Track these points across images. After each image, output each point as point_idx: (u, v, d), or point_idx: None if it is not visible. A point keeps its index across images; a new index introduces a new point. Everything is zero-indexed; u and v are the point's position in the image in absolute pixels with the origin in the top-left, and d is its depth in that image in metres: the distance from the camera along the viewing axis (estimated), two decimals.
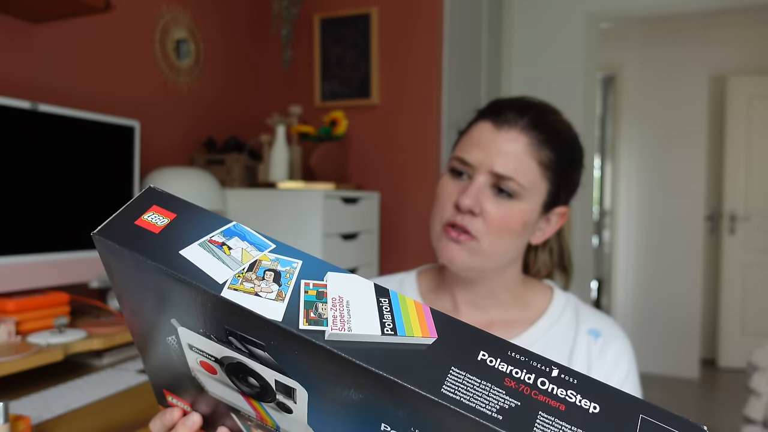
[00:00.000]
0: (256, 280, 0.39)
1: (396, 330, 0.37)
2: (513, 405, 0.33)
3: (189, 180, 1.81)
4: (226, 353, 0.42)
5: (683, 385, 3.78)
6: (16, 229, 1.35)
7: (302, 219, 1.87)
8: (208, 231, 0.42)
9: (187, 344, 0.45)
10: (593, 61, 3.16)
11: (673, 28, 4.01)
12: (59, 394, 1.23)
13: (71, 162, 1.48)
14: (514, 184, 0.72)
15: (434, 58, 2.35)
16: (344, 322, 0.37)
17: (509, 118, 0.74)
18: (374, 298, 0.39)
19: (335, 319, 0.37)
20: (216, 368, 0.44)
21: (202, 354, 0.44)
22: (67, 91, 1.68)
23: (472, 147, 0.75)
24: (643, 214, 4.14)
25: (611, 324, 0.82)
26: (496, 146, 0.73)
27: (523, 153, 0.73)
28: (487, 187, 0.73)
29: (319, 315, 0.37)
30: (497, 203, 0.73)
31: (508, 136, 0.73)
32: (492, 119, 0.75)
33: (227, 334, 0.40)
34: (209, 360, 0.44)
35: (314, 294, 0.39)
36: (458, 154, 0.76)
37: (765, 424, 1.91)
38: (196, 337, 0.43)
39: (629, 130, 4.18)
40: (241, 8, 2.40)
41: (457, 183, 0.76)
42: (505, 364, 0.35)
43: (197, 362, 0.46)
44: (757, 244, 4.09)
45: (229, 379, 0.45)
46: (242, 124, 2.42)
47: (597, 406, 0.34)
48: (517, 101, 0.77)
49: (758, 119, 4.06)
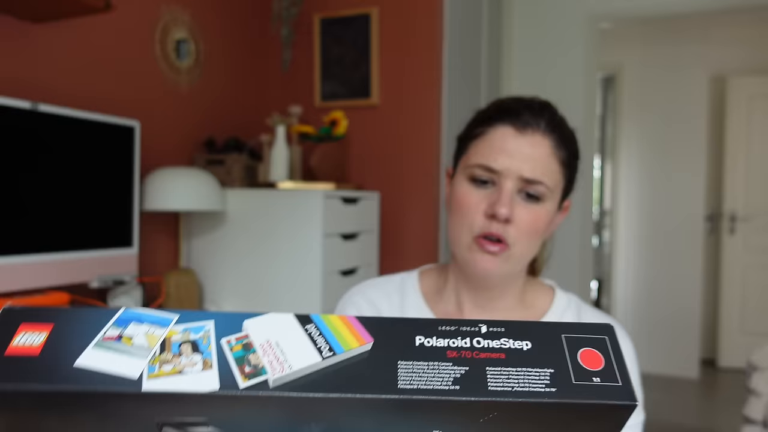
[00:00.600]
0: (174, 359, 0.36)
1: (334, 350, 0.37)
2: (463, 372, 0.36)
3: (189, 180, 1.81)
4: None
5: (683, 385, 3.78)
6: (16, 229, 1.35)
7: (302, 219, 1.87)
8: (98, 328, 0.37)
9: None
10: (593, 61, 3.16)
11: (673, 28, 4.01)
12: None
13: (71, 162, 1.48)
14: (543, 187, 0.72)
15: (434, 58, 2.35)
16: (282, 363, 0.36)
17: (529, 120, 0.73)
18: (300, 328, 0.38)
19: (272, 364, 0.36)
20: None
21: None
22: (67, 91, 1.68)
23: (497, 153, 0.72)
24: (643, 214, 4.14)
25: (613, 325, 0.82)
26: (523, 151, 0.71)
27: (548, 155, 0.72)
28: (515, 193, 0.73)
29: (254, 367, 0.36)
30: (527, 208, 0.73)
31: (533, 140, 0.72)
32: (512, 123, 0.73)
33: (160, 429, 0.37)
34: None
35: (240, 348, 0.37)
36: (481, 162, 0.73)
37: (765, 424, 1.91)
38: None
39: (629, 130, 4.18)
40: (241, 8, 2.41)
41: (481, 191, 0.74)
42: (441, 339, 0.37)
43: None
44: (757, 244, 4.09)
45: None
46: (242, 124, 2.42)
47: (528, 342, 0.38)
48: (529, 102, 0.76)
49: (758, 119, 4.06)
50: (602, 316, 0.83)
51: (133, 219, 1.67)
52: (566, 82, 3.16)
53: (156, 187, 1.78)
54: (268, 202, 1.93)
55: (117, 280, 1.61)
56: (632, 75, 4.14)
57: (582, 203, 3.20)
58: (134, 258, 1.67)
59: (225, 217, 1.99)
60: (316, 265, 1.86)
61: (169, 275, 1.83)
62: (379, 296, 0.84)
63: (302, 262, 1.87)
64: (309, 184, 1.97)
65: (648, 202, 4.13)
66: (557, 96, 2.38)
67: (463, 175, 0.76)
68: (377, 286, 0.86)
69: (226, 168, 2.04)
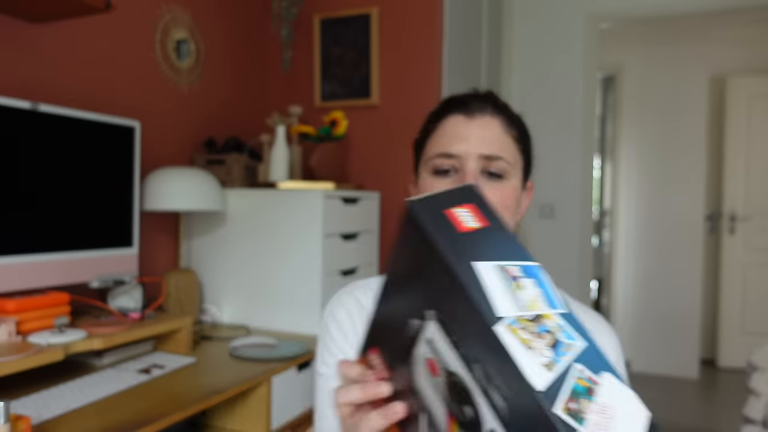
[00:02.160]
0: (534, 336, 0.36)
1: None
2: None
3: (189, 180, 1.81)
4: (462, 374, 0.40)
5: (683, 385, 3.78)
6: (15, 229, 1.35)
7: (302, 219, 1.87)
8: (509, 258, 0.40)
9: (427, 338, 0.43)
10: (593, 61, 3.16)
11: (673, 28, 4.01)
12: (59, 394, 1.23)
13: (71, 162, 1.48)
14: (503, 162, 0.75)
15: (434, 58, 2.35)
16: None
17: (476, 106, 0.77)
18: (639, 427, 0.35)
19: (595, 426, 0.34)
20: (440, 374, 0.43)
21: (437, 356, 0.42)
22: (67, 91, 1.68)
23: (452, 140, 0.76)
24: (643, 214, 4.14)
25: (597, 320, 0.82)
26: (477, 133, 0.75)
27: (500, 133, 0.76)
28: (479, 174, 0.75)
29: (579, 410, 0.34)
30: (493, 186, 0.75)
31: (482, 121, 0.76)
32: (461, 111, 0.77)
33: (474, 363, 0.38)
34: (439, 365, 0.42)
35: (585, 386, 0.35)
36: (439, 151, 0.76)
37: (765, 424, 1.91)
38: (443, 340, 0.41)
39: (629, 129, 4.18)
40: (241, 8, 2.41)
41: (446, 180, 0.76)
42: None
43: (424, 356, 0.44)
44: (757, 244, 4.09)
45: (446, 393, 0.43)
46: (242, 124, 2.42)
47: None
48: (472, 93, 0.80)
49: (758, 119, 4.06)
50: (586, 311, 0.83)
51: (134, 219, 1.67)
52: (566, 82, 3.16)
53: (156, 187, 1.78)
54: (268, 202, 1.93)
55: (117, 280, 1.61)
56: (632, 75, 4.14)
57: (582, 203, 3.20)
58: (134, 258, 1.67)
59: (225, 217, 1.99)
60: (316, 265, 1.86)
61: (169, 275, 1.83)
62: (367, 297, 0.86)
63: (302, 262, 1.87)
64: (309, 184, 1.97)
65: (648, 202, 4.13)
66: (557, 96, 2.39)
67: (425, 170, 0.79)
68: (365, 287, 0.88)
69: (226, 168, 2.04)
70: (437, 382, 0.43)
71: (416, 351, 0.45)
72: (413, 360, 0.46)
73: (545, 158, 3.22)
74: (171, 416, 1.16)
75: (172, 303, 1.82)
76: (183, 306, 1.84)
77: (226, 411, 1.53)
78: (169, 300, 1.81)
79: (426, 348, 0.44)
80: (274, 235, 1.91)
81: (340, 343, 0.83)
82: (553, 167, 3.20)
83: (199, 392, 1.30)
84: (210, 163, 2.08)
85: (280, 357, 1.58)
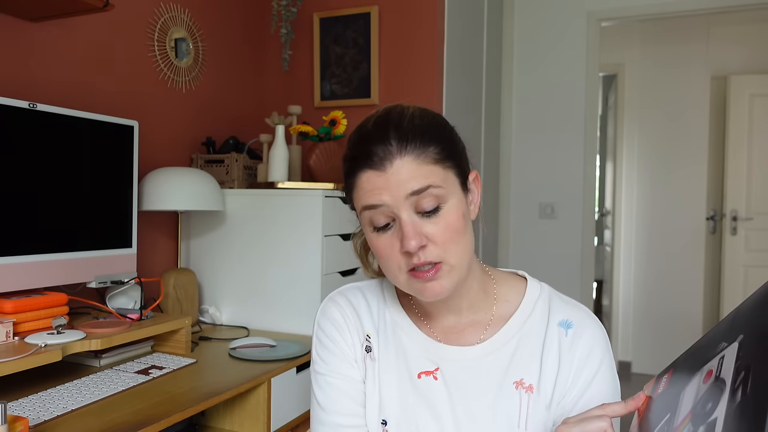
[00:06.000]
0: None
1: None
2: None
3: (188, 180, 1.80)
4: None
5: None
6: (14, 229, 1.35)
7: (302, 219, 1.87)
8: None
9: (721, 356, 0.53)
10: (594, 61, 3.15)
11: (674, 27, 4.00)
12: (57, 395, 1.22)
13: (70, 162, 1.47)
14: (433, 189, 0.71)
15: (434, 57, 2.35)
16: None
17: (382, 155, 0.72)
18: None
19: None
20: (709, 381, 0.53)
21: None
22: (65, 90, 1.67)
23: (374, 194, 0.73)
24: (644, 214, 4.14)
25: (583, 314, 0.81)
26: (394, 180, 0.71)
27: (416, 166, 0.72)
28: (416, 216, 0.72)
29: None
30: (434, 221, 0.72)
31: (394, 168, 0.71)
32: (369, 167, 0.73)
33: None
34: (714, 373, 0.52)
35: None
36: (367, 203, 0.74)
37: None
38: None
39: (630, 129, 4.17)
40: (240, 7, 2.40)
41: (388, 234, 0.74)
42: None
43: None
44: (758, 245, 4.08)
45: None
46: (241, 124, 2.41)
47: None
48: (370, 132, 0.75)
49: (760, 118, 4.04)
50: (572, 305, 0.82)
51: (132, 219, 1.66)
52: (567, 82, 3.15)
53: (155, 187, 1.77)
54: (268, 202, 1.92)
55: (115, 281, 1.60)
56: (633, 74, 4.13)
57: (583, 203, 3.19)
58: (133, 258, 1.66)
59: (224, 217, 1.98)
60: (316, 265, 1.85)
61: (167, 275, 1.82)
62: (358, 299, 0.88)
63: (302, 262, 1.87)
64: (309, 184, 1.96)
65: (649, 202, 4.12)
66: (558, 95, 2.39)
67: (365, 222, 0.77)
68: (358, 289, 0.90)
69: (226, 168, 2.04)
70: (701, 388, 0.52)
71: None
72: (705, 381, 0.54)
73: (546, 158, 3.21)
74: (170, 417, 1.16)
75: (171, 303, 1.81)
76: (182, 306, 1.83)
77: (225, 412, 1.52)
78: (167, 300, 1.80)
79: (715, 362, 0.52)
80: (274, 236, 1.90)
81: (337, 341, 0.86)
82: (554, 167, 3.19)
83: (198, 393, 1.29)
84: (209, 163, 2.07)
85: (279, 358, 1.58)
